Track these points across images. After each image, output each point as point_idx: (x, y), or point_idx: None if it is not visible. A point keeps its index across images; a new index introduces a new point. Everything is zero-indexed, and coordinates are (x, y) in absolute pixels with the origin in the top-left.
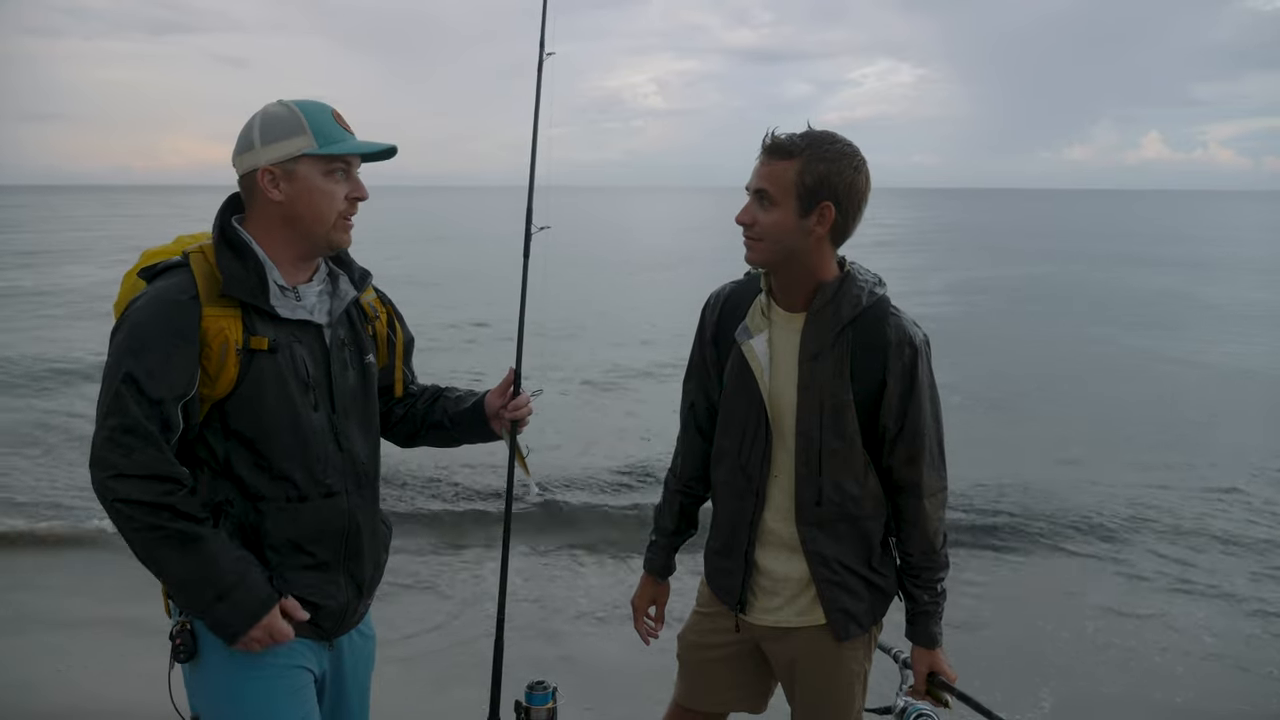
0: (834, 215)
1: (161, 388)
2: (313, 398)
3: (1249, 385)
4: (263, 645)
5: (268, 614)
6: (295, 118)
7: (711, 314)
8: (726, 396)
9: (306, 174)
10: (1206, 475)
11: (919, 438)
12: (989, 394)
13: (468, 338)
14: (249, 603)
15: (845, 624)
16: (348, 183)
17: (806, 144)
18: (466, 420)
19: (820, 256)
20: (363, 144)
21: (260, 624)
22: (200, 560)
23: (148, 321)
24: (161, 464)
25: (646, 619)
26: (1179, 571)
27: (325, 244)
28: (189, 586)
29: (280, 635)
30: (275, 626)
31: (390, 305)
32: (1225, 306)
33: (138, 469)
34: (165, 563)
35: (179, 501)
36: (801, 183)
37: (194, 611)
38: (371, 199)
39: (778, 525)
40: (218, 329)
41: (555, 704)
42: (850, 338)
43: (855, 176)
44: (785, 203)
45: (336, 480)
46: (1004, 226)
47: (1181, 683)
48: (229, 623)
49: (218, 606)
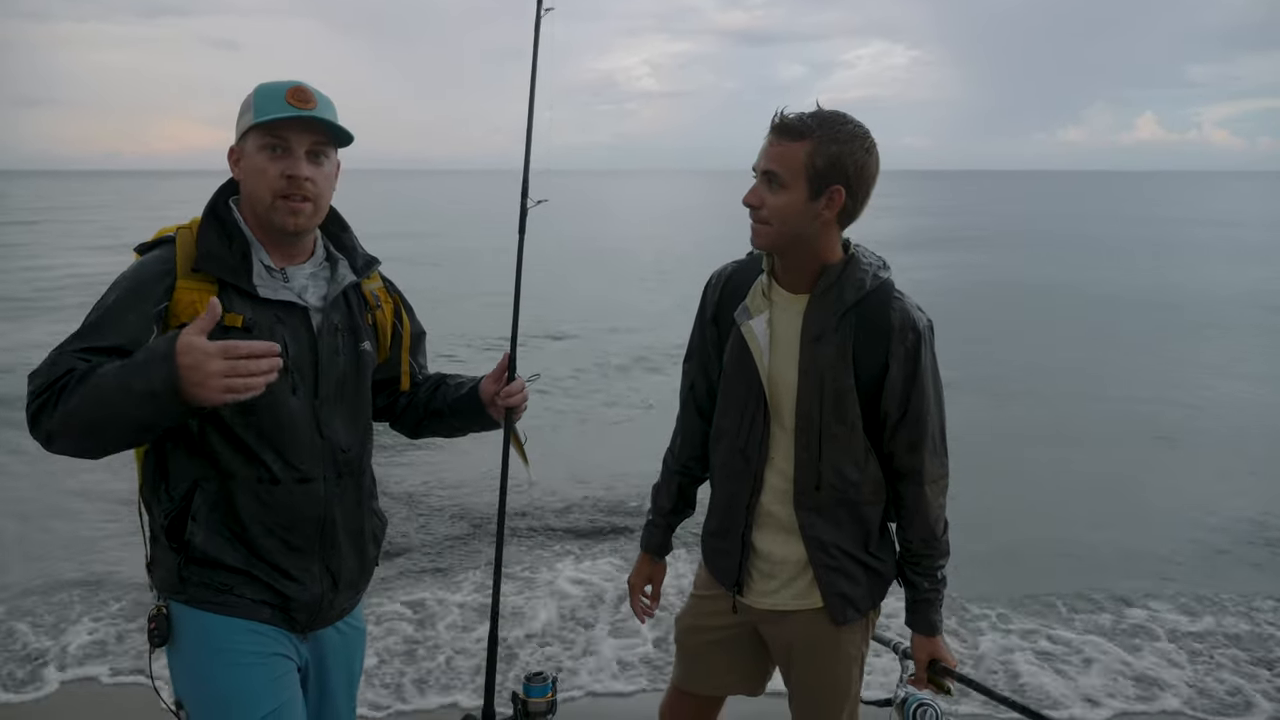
0: (844, 198)
1: (96, 337)
2: (292, 381)
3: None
4: (226, 364)
5: (178, 340)
6: (251, 95)
7: (713, 293)
8: (725, 378)
9: (250, 150)
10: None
11: (921, 424)
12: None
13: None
14: (152, 356)
15: (842, 608)
16: (285, 160)
17: (818, 124)
18: (464, 408)
19: (827, 240)
20: (289, 110)
21: (181, 352)
22: (96, 383)
23: (114, 287)
24: (64, 365)
25: (642, 598)
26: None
27: (271, 225)
28: (114, 407)
29: (207, 323)
30: (193, 340)
31: (399, 295)
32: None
33: (43, 374)
34: (79, 411)
35: (67, 371)
36: (812, 165)
37: (136, 424)
38: (362, 181)
39: (775, 508)
40: (188, 302)
41: (555, 695)
42: (853, 321)
43: (866, 159)
44: (795, 185)
45: (313, 467)
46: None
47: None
48: (159, 387)
49: (134, 390)
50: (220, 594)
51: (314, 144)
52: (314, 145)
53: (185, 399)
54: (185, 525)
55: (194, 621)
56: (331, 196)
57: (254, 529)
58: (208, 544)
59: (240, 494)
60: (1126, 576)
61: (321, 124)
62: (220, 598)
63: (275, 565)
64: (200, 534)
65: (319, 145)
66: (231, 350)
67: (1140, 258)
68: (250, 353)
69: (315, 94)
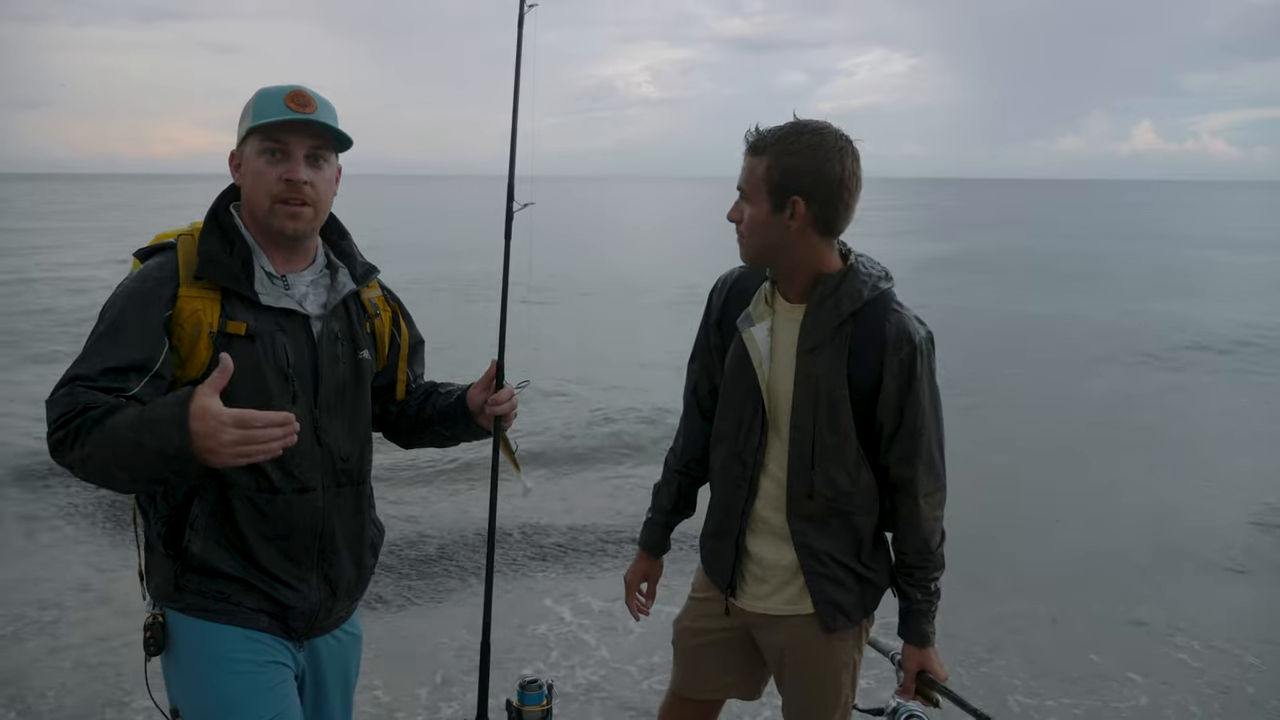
0: (805, 208)
1: (110, 354)
2: (292, 389)
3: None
4: (240, 434)
5: (191, 404)
6: (251, 99)
7: (718, 297)
8: (726, 383)
9: (249, 155)
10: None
11: (916, 436)
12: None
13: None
14: (165, 416)
15: (833, 614)
16: (284, 164)
17: (776, 139)
18: (452, 417)
19: (808, 249)
20: (288, 113)
21: (195, 418)
22: (110, 432)
23: (119, 297)
24: (81, 399)
25: (638, 595)
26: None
27: (270, 230)
28: (126, 461)
29: (220, 381)
30: (208, 406)
31: (397, 304)
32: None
33: (61, 405)
34: (94, 458)
35: (85, 408)
36: (770, 178)
37: (148, 477)
38: (362, 187)
39: (769, 514)
40: (191, 310)
41: (550, 704)
42: (849, 331)
43: (825, 167)
44: (757, 199)
45: (311, 476)
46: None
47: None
48: (171, 450)
49: (146, 447)
50: (217, 602)
51: (313, 148)
52: (313, 149)
53: (198, 461)
54: (183, 533)
55: (191, 630)
56: (332, 200)
57: (252, 538)
58: (206, 552)
59: (238, 503)
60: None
61: (321, 128)
62: (218, 606)
63: (273, 574)
64: (198, 542)
65: (318, 149)
66: (247, 421)
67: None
68: (267, 423)
69: (315, 98)
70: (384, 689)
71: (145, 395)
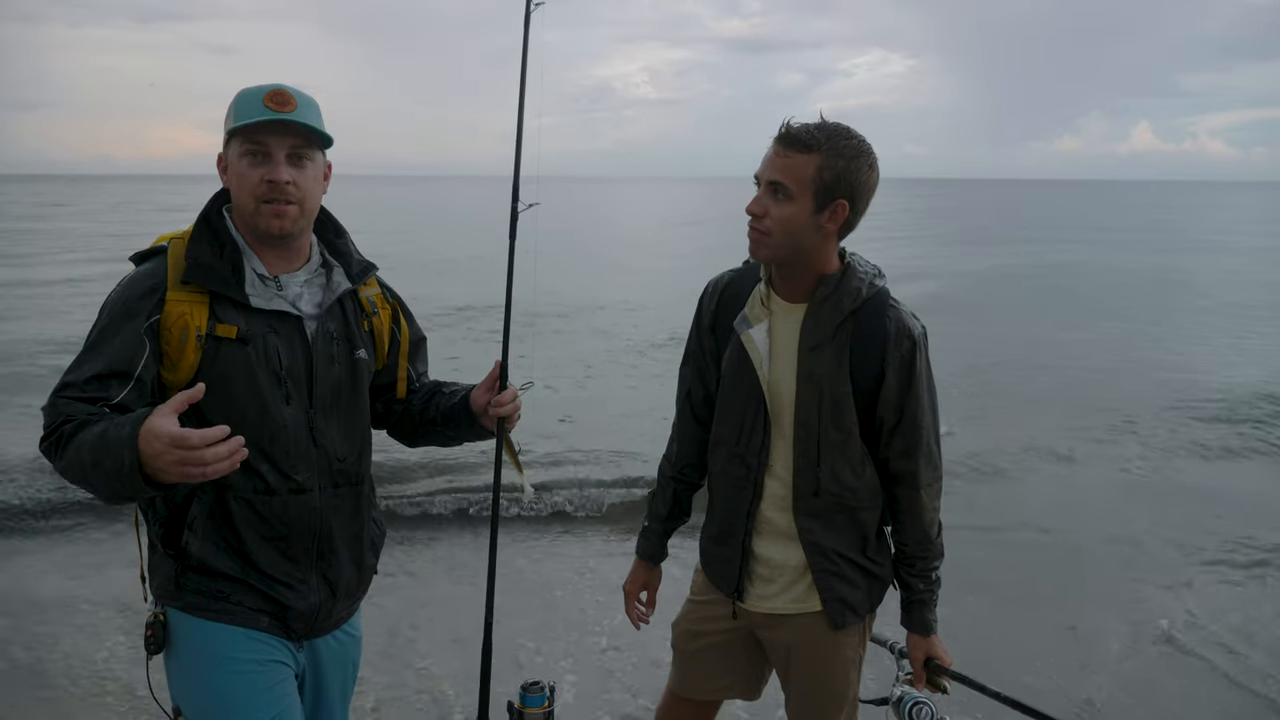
0: (847, 212)
1: (92, 364)
2: (285, 390)
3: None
4: (179, 454)
5: (143, 425)
6: (233, 101)
7: (710, 302)
8: (724, 386)
9: (233, 157)
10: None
11: (916, 430)
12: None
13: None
14: (120, 437)
15: (841, 611)
16: (266, 165)
17: (826, 138)
18: (456, 418)
19: (826, 251)
20: (266, 113)
21: (143, 439)
22: (78, 450)
23: (108, 304)
24: (63, 411)
25: (638, 604)
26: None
27: (258, 230)
28: (92, 478)
29: (181, 404)
30: (154, 426)
31: (397, 301)
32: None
33: (47, 415)
34: (69, 473)
35: (64, 421)
36: (820, 179)
37: (110, 493)
38: (362, 188)
39: (775, 515)
40: (178, 314)
41: (552, 706)
42: (850, 330)
43: (870, 174)
44: (802, 198)
45: (308, 477)
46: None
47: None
48: (125, 470)
49: (105, 467)
50: (218, 601)
51: (294, 147)
52: (294, 148)
53: (155, 480)
54: (181, 533)
55: (192, 628)
56: (320, 198)
57: (249, 539)
58: (204, 553)
59: (235, 504)
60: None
61: (300, 127)
62: (218, 605)
63: (271, 575)
64: (196, 543)
65: (299, 148)
66: (182, 441)
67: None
68: (203, 441)
69: (296, 96)
70: (384, 689)
71: (129, 402)
